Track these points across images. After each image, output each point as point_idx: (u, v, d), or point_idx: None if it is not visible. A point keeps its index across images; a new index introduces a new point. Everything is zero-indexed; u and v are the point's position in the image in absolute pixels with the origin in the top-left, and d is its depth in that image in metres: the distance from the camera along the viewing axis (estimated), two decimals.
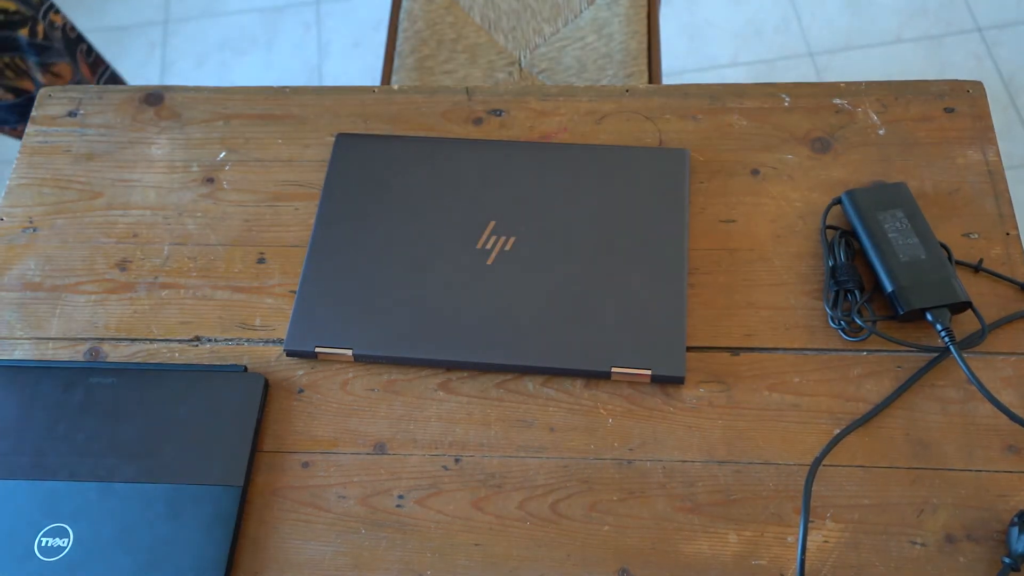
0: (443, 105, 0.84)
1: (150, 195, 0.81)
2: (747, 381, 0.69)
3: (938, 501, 0.64)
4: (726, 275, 0.73)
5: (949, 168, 0.76)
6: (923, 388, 0.68)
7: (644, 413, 0.68)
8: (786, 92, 0.81)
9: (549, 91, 0.84)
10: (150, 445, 0.67)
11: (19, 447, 0.67)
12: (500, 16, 1.17)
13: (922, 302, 0.67)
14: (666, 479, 0.66)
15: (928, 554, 0.62)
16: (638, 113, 0.82)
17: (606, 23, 1.14)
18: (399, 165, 0.78)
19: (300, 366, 0.72)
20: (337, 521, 0.66)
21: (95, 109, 0.85)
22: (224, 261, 0.77)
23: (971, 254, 0.72)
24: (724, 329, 0.71)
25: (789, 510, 0.64)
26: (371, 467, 0.67)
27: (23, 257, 0.78)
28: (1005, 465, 0.64)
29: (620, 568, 0.63)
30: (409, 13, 1.18)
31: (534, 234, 0.73)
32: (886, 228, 0.70)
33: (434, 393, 0.70)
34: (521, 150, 0.78)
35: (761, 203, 0.76)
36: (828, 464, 0.65)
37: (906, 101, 0.80)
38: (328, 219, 0.76)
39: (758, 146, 0.79)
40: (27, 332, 0.75)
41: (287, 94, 0.85)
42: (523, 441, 0.68)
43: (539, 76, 1.13)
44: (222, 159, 0.82)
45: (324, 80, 1.84)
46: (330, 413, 0.70)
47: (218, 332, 0.74)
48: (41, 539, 0.64)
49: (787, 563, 0.62)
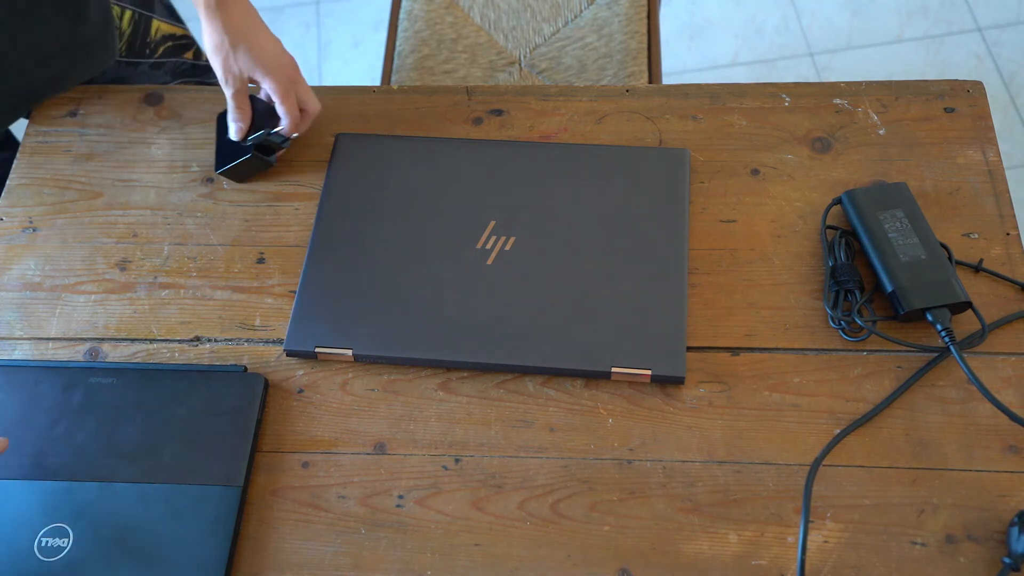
0: (443, 105, 0.84)
1: (150, 195, 0.81)
2: (747, 381, 0.69)
3: (938, 501, 0.64)
4: (726, 275, 0.73)
5: (949, 168, 0.76)
6: (923, 388, 0.68)
7: (644, 413, 0.68)
8: (786, 92, 0.81)
9: (549, 91, 0.84)
10: (150, 445, 0.67)
11: (19, 447, 0.67)
12: (500, 16, 1.17)
13: (922, 302, 0.67)
14: (666, 479, 0.66)
15: (928, 554, 0.62)
16: (638, 113, 0.82)
17: (606, 23, 1.14)
18: (399, 165, 0.78)
19: (300, 366, 0.72)
20: (337, 521, 0.66)
21: (95, 109, 0.85)
22: (224, 261, 0.77)
23: (971, 254, 0.72)
24: (724, 329, 0.71)
25: (789, 510, 0.64)
26: (371, 467, 0.67)
27: (23, 257, 0.78)
28: (1005, 465, 0.64)
29: (620, 568, 0.63)
30: (409, 13, 1.18)
31: (534, 234, 0.73)
32: (886, 228, 0.70)
33: (434, 393, 0.70)
34: (521, 150, 0.78)
35: (761, 203, 0.76)
36: (828, 464, 0.65)
37: (906, 101, 0.80)
38: (328, 219, 0.75)
39: (758, 146, 0.79)
40: (27, 332, 0.75)
41: None
42: (523, 441, 0.68)
43: (539, 76, 1.13)
44: None
45: (324, 80, 1.83)
46: (330, 413, 0.70)
47: (218, 332, 0.74)
48: (41, 539, 0.64)
49: (787, 563, 0.62)
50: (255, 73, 0.75)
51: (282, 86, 0.76)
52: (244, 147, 0.78)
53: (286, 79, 0.76)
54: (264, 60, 0.75)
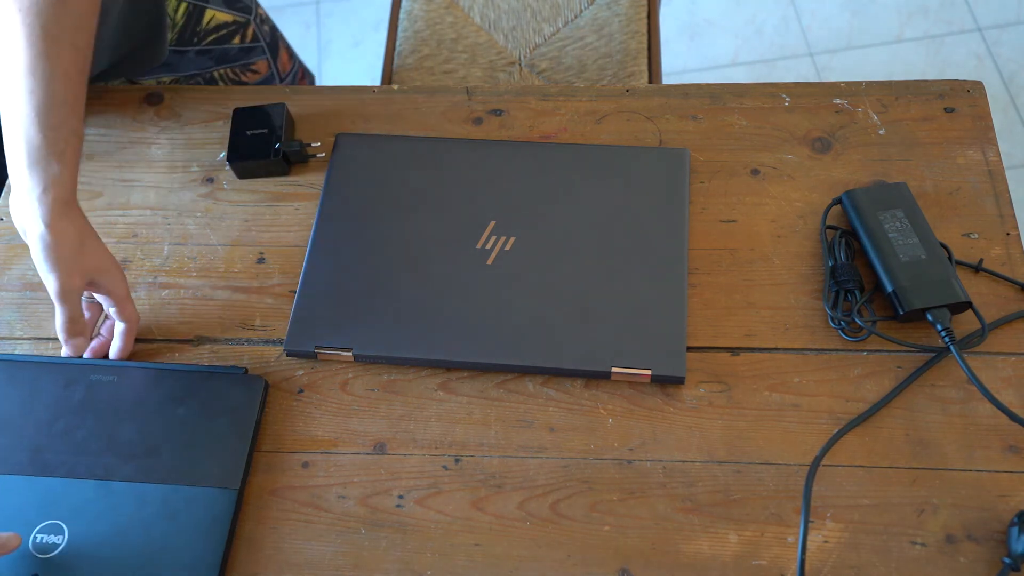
0: (443, 105, 0.84)
1: (150, 195, 0.81)
2: (747, 381, 0.69)
3: (938, 501, 0.64)
4: (726, 275, 0.73)
5: (949, 168, 0.76)
6: (923, 388, 0.68)
7: (644, 413, 0.68)
8: (786, 92, 0.81)
9: (549, 91, 0.84)
10: (149, 445, 0.67)
11: (17, 442, 0.67)
12: (500, 16, 1.17)
13: (922, 302, 0.67)
14: (666, 479, 0.66)
15: (928, 554, 0.62)
16: (638, 113, 0.82)
17: (606, 23, 1.14)
18: (399, 165, 0.78)
19: (300, 366, 0.72)
20: (337, 521, 0.66)
21: (95, 109, 0.85)
22: (224, 261, 0.77)
23: (971, 254, 0.72)
24: (724, 329, 0.71)
25: (789, 510, 0.64)
26: (371, 467, 0.67)
27: (23, 257, 0.78)
28: (1005, 465, 0.64)
29: (620, 568, 0.63)
30: (409, 13, 1.18)
31: (534, 234, 0.73)
32: (886, 228, 0.70)
33: (434, 393, 0.70)
34: (521, 150, 0.78)
35: (761, 203, 0.76)
36: (828, 464, 0.65)
37: (906, 101, 0.80)
38: (328, 219, 0.75)
39: (758, 146, 0.79)
40: (27, 332, 0.75)
41: (287, 94, 0.85)
42: (523, 441, 0.68)
43: (539, 76, 1.13)
44: (222, 159, 0.82)
45: (324, 80, 1.83)
46: (330, 413, 0.70)
47: (218, 332, 0.74)
48: (36, 535, 0.64)
49: (787, 563, 0.62)
50: (104, 275, 0.68)
51: (126, 286, 0.70)
52: (268, 147, 0.79)
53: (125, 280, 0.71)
54: (111, 259, 0.69)
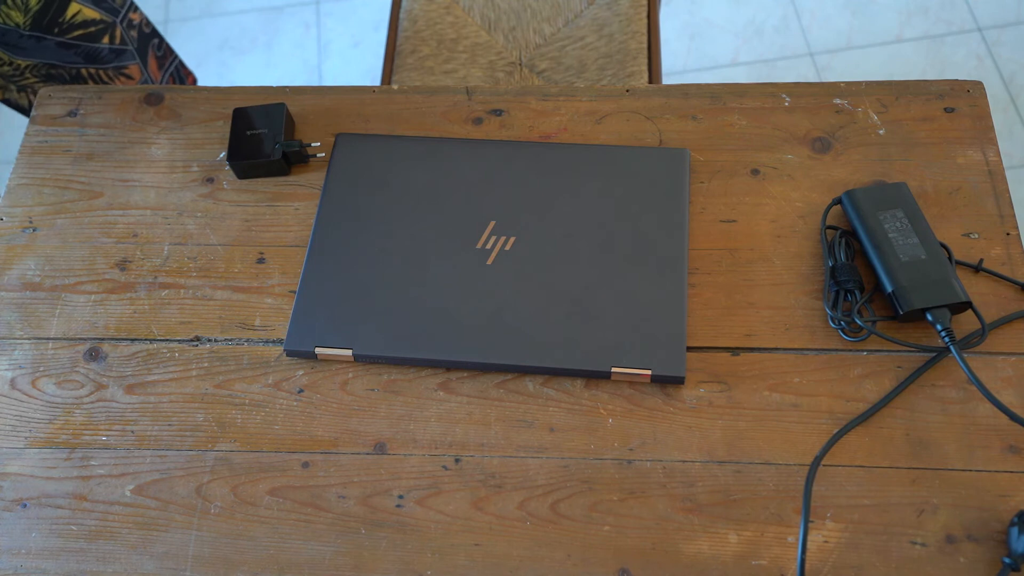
0: (443, 105, 0.84)
1: (150, 195, 0.81)
2: (747, 381, 0.69)
3: (938, 501, 0.64)
4: (726, 275, 0.73)
5: (949, 168, 0.76)
6: (923, 388, 0.68)
7: (644, 413, 0.68)
8: (786, 92, 0.81)
9: (549, 91, 0.84)
10: None
11: None
12: (500, 16, 1.17)
13: (922, 302, 0.67)
14: (666, 479, 0.66)
15: (928, 554, 0.62)
16: (638, 113, 0.82)
17: (606, 23, 1.14)
18: (399, 165, 0.78)
19: (300, 366, 0.72)
20: (337, 521, 0.66)
21: (95, 109, 0.85)
22: (224, 261, 0.77)
23: (971, 254, 0.72)
24: (724, 329, 0.71)
25: (789, 510, 0.64)
26: (371, 467, 0.67)
27: (23, 257, 0.78)
28: (1005, 465, 0.64)
29: (620, 568, 0.63)
30: (409, 13, 1.18)
31: (534, 234, 0.73)
32: (886, 228, 0.70)
33: (434, 393, 0.70)
34: (521, 150, 0.78)
35: (761, 203, 0.76)
36: (828, 464, 0.65)
37: (906, 101, 0.80)
38: (328, 219, 0.76)
39: (758, 146, 0.79)
40: (27, 332, 0.75)
41: (287, 94, 0.85)
42: (523, 441, 0.68)
43: (539, 76, 1.13)
44: (222, 159, 0.82)
45: (324, 80, 1.84)
46: (330, 413, 0.70)
47: (218, 332, 0.74)
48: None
49: (787, 563, 0.62)
50: None
51: None
52: (268, 147, 0.79)
53: None
54: None
